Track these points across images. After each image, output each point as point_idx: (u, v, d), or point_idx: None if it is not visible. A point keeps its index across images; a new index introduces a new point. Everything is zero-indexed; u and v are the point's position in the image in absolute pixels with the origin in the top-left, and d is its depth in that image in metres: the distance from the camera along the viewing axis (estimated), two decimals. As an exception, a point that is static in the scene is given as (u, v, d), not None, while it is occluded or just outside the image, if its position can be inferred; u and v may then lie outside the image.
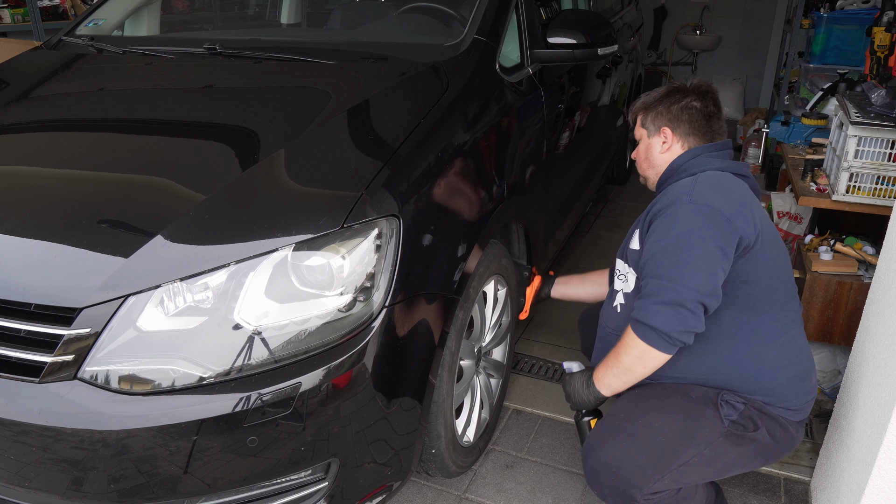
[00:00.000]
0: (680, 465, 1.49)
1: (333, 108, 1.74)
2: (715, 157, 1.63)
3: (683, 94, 1.67)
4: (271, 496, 1.41)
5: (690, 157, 1.64)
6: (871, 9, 3.76)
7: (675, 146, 1.67)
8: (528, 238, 2.25)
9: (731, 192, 1.51)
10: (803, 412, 1.61)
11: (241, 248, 1.34)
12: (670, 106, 1.66)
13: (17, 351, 1.31)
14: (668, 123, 1.67)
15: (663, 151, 1.69)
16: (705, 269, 1.44)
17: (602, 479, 1.53)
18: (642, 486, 1.48)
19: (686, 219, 1.47)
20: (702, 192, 1.49)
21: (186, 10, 3.42)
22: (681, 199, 1.50)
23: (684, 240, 1.45)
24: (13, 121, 1.90)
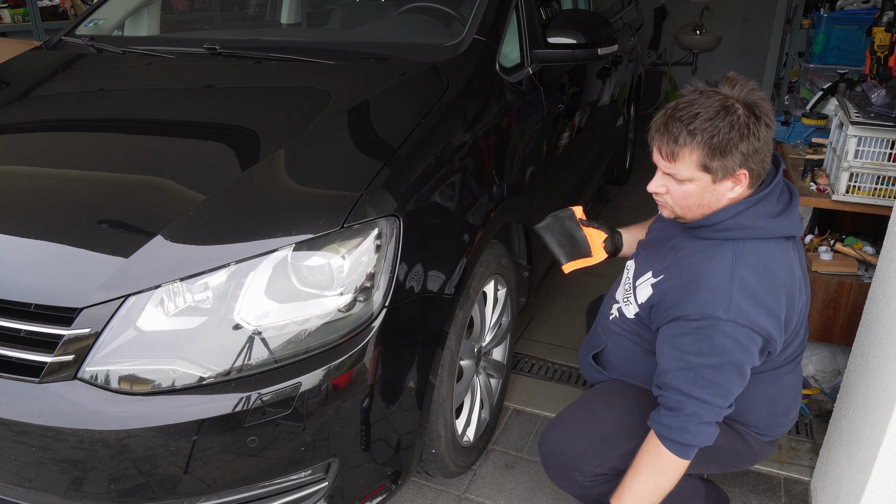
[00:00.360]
0: (621, 453, 1.54)
1: (333, 108, 1.74)
2: (762, 214, 1.40)
3: (754, 116, 1.33)
4: (271, 496, 1.41)
5: (733, 215, 1.40)
6: (871, 9, 3.76)
7: (744, 191, 1.40)
8: (528, 238, 2.25)
9: (773, 291, 1.37)
10: (775, 437, 1.63)
11: (241, 248, 1.34)
12: (749, 138, 1.32)
13: (17, 351, 1.31)
14: (747, 165, 1.35)
15: (730, 197, 1.40)
16: (741, 386, 1.40)
17: (550, 463, 1.63)
18: (584, 469, 1.55)
19: (723, 344, 1.35)
20: (742, 303, 1.34)
21: (186, 10, 3.42)
22: (717, 315, 1.34)
23: (723, 369, 1.37)
24: (13, 121, 1.90)
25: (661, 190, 1.44)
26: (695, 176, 1.37)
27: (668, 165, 1.39)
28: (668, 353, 1.42)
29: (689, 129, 1.33)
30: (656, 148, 1.41)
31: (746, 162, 1.34)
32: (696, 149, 1.33)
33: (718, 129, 1.31)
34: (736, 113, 1.32)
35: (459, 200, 1.70)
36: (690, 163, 1.35)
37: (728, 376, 1.37)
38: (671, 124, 1.35)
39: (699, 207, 1.42)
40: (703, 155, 1.33)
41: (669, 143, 1.36)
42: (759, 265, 1.37)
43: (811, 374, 2.38)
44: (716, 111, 1.32)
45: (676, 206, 1.44)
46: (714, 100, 1.33)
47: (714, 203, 1.41)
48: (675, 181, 1.40)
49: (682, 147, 1.34)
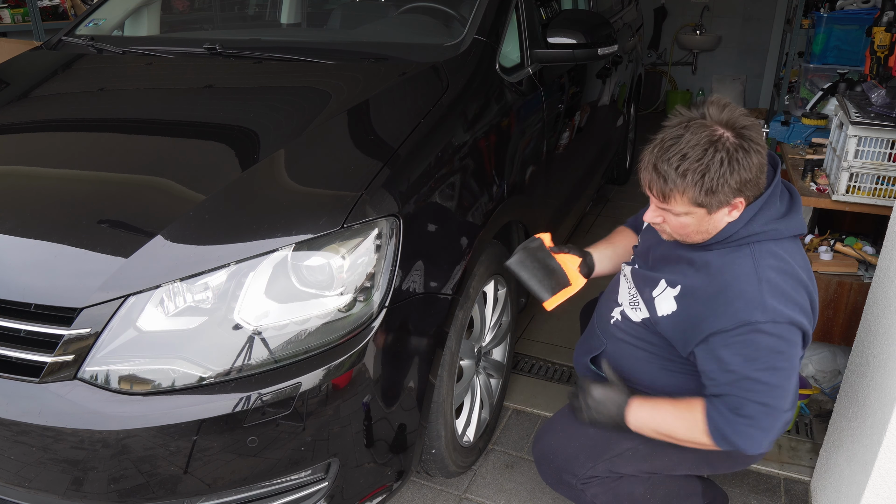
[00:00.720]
0: (612, 455, 1.55)
1: (333, 108, 1.74)
2: (770, 217, 1.40)
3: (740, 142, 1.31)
4: (271, 496, 1.41)
5: (743, 225, 1.38)
6: (871, 9, 3.76)
7: (740, 211, 1.39)
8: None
9: (797, 288, 1.37)
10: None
11: (241, 248, 1.34)
12: (739, 167, 1.31)
13: (17, 351, 1.31)
14: (742, 194, 1.34)
15: (728, 221, 1.39)
16: (794, 384, 1.39)
17: (543, 466, 1.64)
18: (576, 471, 1.56)
19: (771, 345, 1.33)
20: (775, 303, 1.33)
21: (186, 10, 3.42)
22: (756, 319, 1.32)
23: (777, 369, 1.35)
24: (13, 121, 1.90)
25: (657, 220, 1.43)
26: (690, 211, 1.36)
27: (662, 205, 1.38)
28: (713, 371, 1.39)
29: (679, 171, 1.31)
30: (647, 187, 1.39)
31: (741, 192, 1.34)
32: (688, 190, 1.32)
33: (708, 167, 1.29)
34: (724, 147, 1.29)
35: (459, 200, 1.70)
36: (684, 201, 1.34)
37: (783, 374, 1.35)
38: (659, 167, 1.33)
39: (698, 234, 1.41)
40: (694, 195, 1.32)
41: (660, 184, 1.34)
42: (779, 265, 1.37)
43: (811, 374, 2.39)
44: (703, 150, 1.29)
45: (675, 233, 1.44)
46: (701, 136, 1.30)
47: (713, 229, 1.40)
48: (670, 214, 1.39)
49: (673, 189, 1.33)
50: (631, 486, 1.59)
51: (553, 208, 2.52)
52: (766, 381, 1.34)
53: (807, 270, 1.42)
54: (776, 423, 1.36)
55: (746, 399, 1.35)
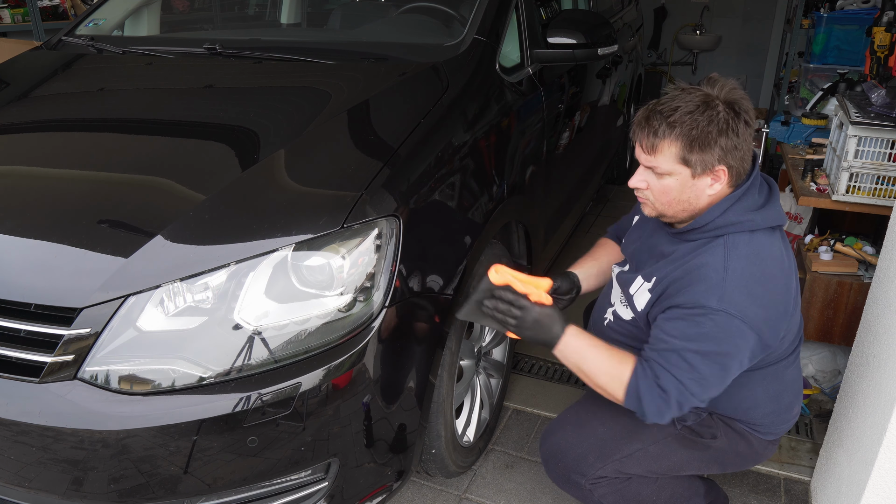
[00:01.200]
0: (622, 456, 1.54)
1: (333, 109, 1.74)
2: (747, 208, 1.40)
3: (734, 113, 1.34)
4: (271, 496, 1.41)
5: (719, 214, 1.40)
6: (871, 9, 3.76)
7: (723, 188, 1.40)
8: (528, 238, 2.25)
9: (766, 282, 1.36)
10: (777, 435, 1.62)
11: (241, 248, 1.34)
12: (728, 133, 1.33)
13: (17, 351, 1.31)
14: (726, 161, 1.35)
15: (709, 194, 1.40)
16: (721, 384, 1.39)
17: (551, 465, 1.62)
18: (585, 472, 1.55)
19: (714, 333, 1.34)
20: (735, 294, 1.33)
21: (186, 10, 3.42)
22: (710, 305, 1.33)
23: (708, 357, 1.35)
24: (13, 121, 1.90)
25: (641, 185, 1.44)
26: (674, 169, 1.37)
27: (649, 158, 1.39)
28: (655, 337, 1.41)
29: (669, 121, 1.34)
30: (637, 142, 1.41)
31: (725, 158, 1.35)
32: (676, 141, 1.34)
33: (698, 122, 1.32)
34: (716, 108, 1.33)
35: (459, 200, 1.70)
36: (670, 155, 1.36)
37: (710, 367, 1.35)
38: (652, 117, 1.37)
39: (679, 203, 1.42)
40: (682, 147, 1.34)
41: (650, 136, 1.37)
42: (751, 255, 1.37)
43: (811, 374, 2.39)
44: (696, 105, 1.33)
45: (657, 201, 1.44)
46: (695, 95, 1.34)
47: (694, 199, 1.40)
48: (655, 175, 1.40)
49: (662, 139, 1.35)
50: (639, 487, 1.59)
51: (553, 208, 2.52)
52: (692, 362, 1.35)
53: (781, 261, 1.41)
54: (685, 405, 1.37)
55: (670, 373, 1.36)
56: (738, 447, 1.59)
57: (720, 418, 1.57)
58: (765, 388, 1.53)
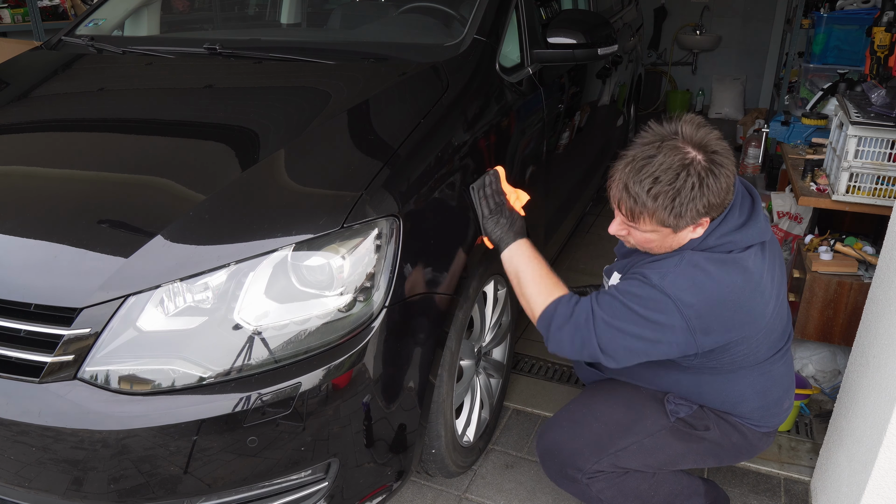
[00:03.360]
0: (617, 450, 1.56)
1: (333, 108, 1.74)
2: (727, 230, 1.42)
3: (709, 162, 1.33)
4: (271, 496, 1.41)
5: (700, 241, 1.42)
6: (871, 9, 3.76)
7: (704, 227, 1.42)
8: (528, 238, 2.25)
9: (718, 290, 1.37)
10: (771, 427, 1.63)
11: (241, 248, 1.34)
12: (706, 187, 1.33)
13: (17, 351, 1.31)
14: (709, 215, 1.37)
15: (694, 237, 1.42)
16: (628, 353, 1.42)
17: (548, 462, 1.64)
18: (581, 466, 1.57)
19: (646, 300, 1.38)
20: (679, 279, 1.37)
21: (186, 10, 3.42)
22: (651, 279, 1.39)
23: (632, 313, 1.39)
24: (13, 121, 1.90)
25: (622, 233, 1.48)
26: (656, 230, 1.40)
27: (630, 224, 1.42)
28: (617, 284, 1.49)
29: (650, 193, 1.33)
30: (616, 204, 1.42)
31: (707, 213, 1.37)
32: (657, 212, 1.35)
33: (679, 192, 1.32)
34: (696, 171, 1.32)
35: (459, 200, 1.70)
36: (652, 222, 1.38)
37: (627, 322, 1.39)
38: (631, 187, 1.36)
39: (661, 248, 1.46)
40: (663, 217, 1.35)
41: (629, 204, 1.37)
42: (715, 259, 1.39)
43: (811, 374, 2.39)
44: (675, 174, 1.32)
45: (638, 245, 1.49)
46: (674, 159, 1.32)
47: (676, 244, 1.44)
48: (636, 230, 1.43)
49: (643, 211, 1.36)
50: (636, 481, 1.60)
51: (553, 208, 2.52)
52: (614, 308, 1.41)
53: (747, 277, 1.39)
54: (585, 340, 1.42)
55: (591, 304, 1.44)
56: (733, 438, 1.59)
57: (712, 410, 1.58)
58: (751, 384, 1.54)
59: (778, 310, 1.50)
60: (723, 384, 1.53)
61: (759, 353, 1.51)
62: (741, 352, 1.47)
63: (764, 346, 1.51)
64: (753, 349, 1.49)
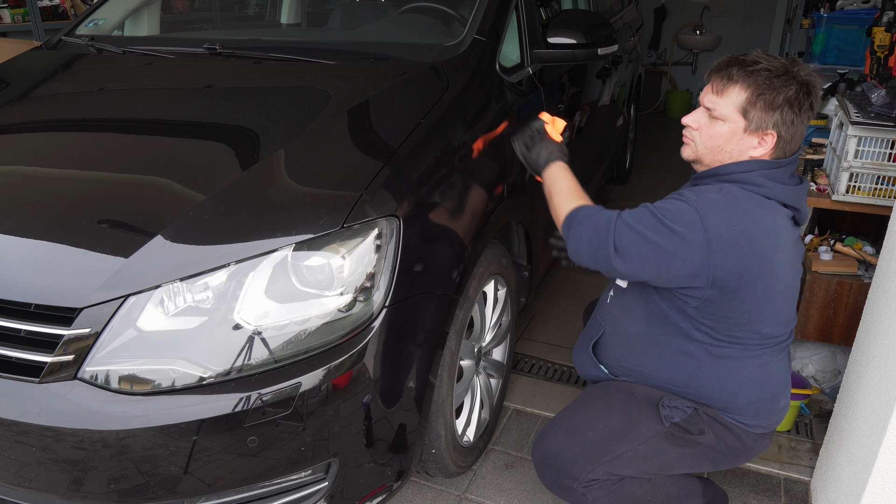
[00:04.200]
0: (612, 457, 1.55)
1: (333, 108, 1.74)
2: (772, 177, 1.44)
3: (802, 88, 1.40)
4: (271, 496, 1.41)
5: (744, 171, 1.44)
6: (871, 9, 3.77)
7: (765, 154, 1.44)
8: (528, 238, 2.25)
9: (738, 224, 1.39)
10: (767, 427, 1.62)
11: (241, 248, 1.34)
12: (792, 106, 1.39)
13: (17, 351, 1.31)
14: (779, 130, 1.41)
15: (752, 154, 1.44)
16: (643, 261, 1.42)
17: (543, 471, 1.63)
18: (577, 475, 1.56)
19: (673, 211, 1.41)
20: (711, 205, 1.39)
21: (186, 10, 3.42)
22: (682, 194, 1.44)
23: (655, 220, 1.42)
24: (13, 121, 1.90)
25: (693, 125, 1.50)
26: (731, 117, 1.43)
27: (714, 99, 1.45)
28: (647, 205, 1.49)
29: (749, 70, 1.41)
30: (709, 84, 1.47)
31: (780, 126, 1.41)
32: (746, 89, 1.41)
33: (772, 82, 1.39)
34: (793, 80, 1.40)
35: (459, 200, 1.70)
36: (734, 102, 1.42)
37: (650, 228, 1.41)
38: (732, 64, 1.44)
39: (721, 152, 1.47)
40: (748, 97, 1.41)
41: (724, 79, 1.44)
42: (748, 199, 1.42)
43: (811, 374, 2.39)
44: (776, 71, 1.41)
45: (701, 144, 1.50)
46: (778, 62, 1.42)
47: (736, 154, 1.46)
48: (710, 119, 1.47)
49: (735, 83, 1.42)
50: (632, 488, 1.59)
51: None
52: (633, 213, 1.44)
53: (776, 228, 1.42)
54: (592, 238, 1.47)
55: (611, 213, 1.47)
56: (728, 441, 1.59)
57: (706, 412, 1.57)
58: (749, 374, 1.54)
59: (790, 289, 1.50)
60: (721, 370, 1.53)
61: (762, 326, 1.49)
62: (746, 313, 1.46)
63: (769, 321, 1.49)
64: (758, 316, 1.47)
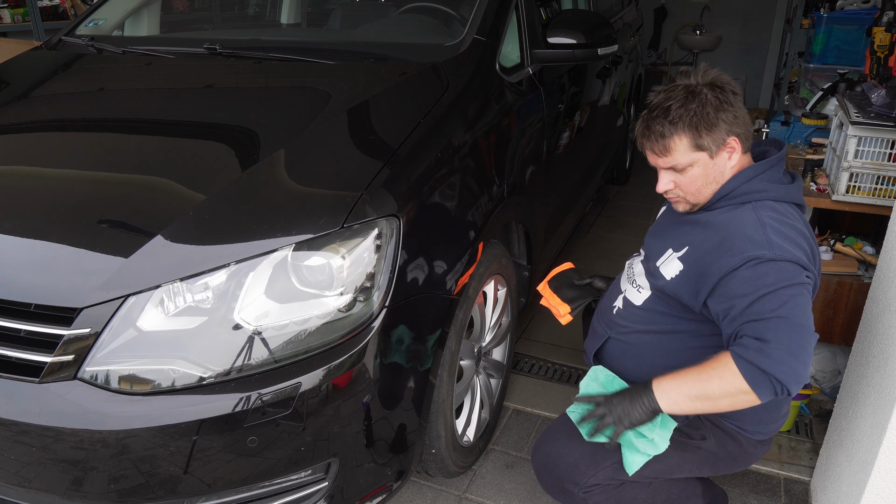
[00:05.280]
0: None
1: (333, 108, 1.74)
2: (772, 179, 1.45)
3: (720, 89, 1.42)
4: (271, 496, 1.41)
5: (744, 181, 1.44)
6: (871, 9, 3.77)
7: (741, 158, 1.46)
8: (528, 238, 2.25)
9: (799, 236, 1.39)
10: (767, 435, 1.61)
11: (241, 248, 1.34)
12: (724, 108, 1.41)
13: (17, 351, 1.31)
14: (734, 132, 1.42)
15: (733, 165, 1.46)
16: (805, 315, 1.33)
17: (544, 476, 1.63)
18: (578, 480, 1.55)
19: (778, 277, 1.32)
20: (780, 242, 1.35)
21: (186, 10, 3.42)
22: (762, 255, 1.34)
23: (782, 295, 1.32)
24: (13, 121, 1.90)
25: (669, 187, 1.49)
26: (693, 159, 1.43)
27: (666, 160, 1.45)
28: (727, 308, 1.36)
29: (669, 119, 1.41)
30: (648, 151, 1.48)
31: (731, 129, 1.42)
32: (683, 133, 1.41)
33: (692, 110, 1.39)
34: (701, 93, 1.41)
35: (459, 200, 1.70)
36: (684, 148, 1.42)
37: (792, 303, 1.30)
38: (651, 124, 1.44)
39: (708, 186, 1.47)
40: (691, 136, 1.41)
41: (658, 141, 1.43)
42: (779, 217, 1.41)
43: (811, 374, 2.39)
44: (684, 97, 1.41)
45: (688, 195, 1.49)
46: (678, 91, 1.42)
47: (719, 176, 1.46)
48: (677, 173, 1.46)
49: (670, 138, 1.42)
50: (633, 491, 1.58)
51: (553, 208, 2.52)
52: (777, 301, 1.31)
53: (806, 227, 1.45)
54: (803, 342, 1.29)
55: (764, 319, 1.30)
56: (729, 447, 1.58)
57: (708, 419, 1.56)
58: None
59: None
60: None
61: None
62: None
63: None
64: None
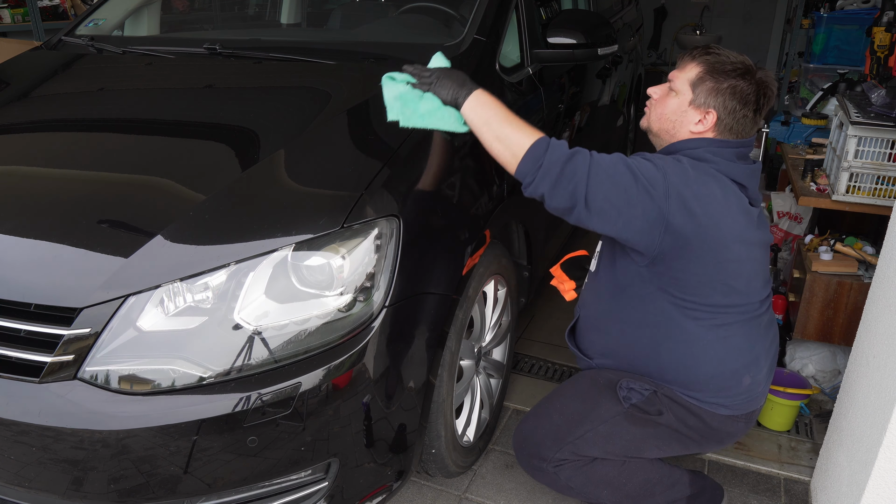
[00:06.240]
0: (574, 438, 1.64)
1: (333, 108, 1.74)
2: (720, 154, 1.52)
3: (754, 84, 1.50)
4: (271, 496, 1.41)
5: (692, 147, 1.53)
6: (871, 9, 3.77)
7: (706, 132, 1.54)
8: (528, 238, 2.25)
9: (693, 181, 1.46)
10: (735, 409, 1.62)
11: (241, 248, 1.34)
12: (736, 93, 1.50)
13: (17, 351, 1.31)
14: (722, 111, 1.52)
15: (692, 129, 1.55)
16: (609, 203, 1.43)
17: (519, 454, 1.76)
18: (545, 456, 1.66)
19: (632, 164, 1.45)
20: (669, 166, 1.46)
21: (186, 10, 3.42)
22: (648, 156, 1.50)
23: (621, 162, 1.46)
24: (13, 121, 1.90)
25: (654, 95, 1.62)
26: (682, 89, 1.55)
27: (675, 73, 1.59)
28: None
29: (710, 53, 1.54)
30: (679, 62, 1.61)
31: (722, 109, 1.51)
32: (700, 66, 1.53)
33: (725, 68, 1.50)
34: (749, 75, 1.50)
35: (460, 200, 1.70)
36: (688, 76, 1.54)
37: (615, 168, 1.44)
38: (703, 48, 1.58)
39: (665, 121, 1.58)
40: (699, 73, 1.52)
41: (687, 57, 1.58)
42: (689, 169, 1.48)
43: (811, 374, 2.39)
44: (737, 63, 1.51)
45: (653, 112, 1.61)
46: (744, 59, 1.53)
47: (678, 125, 1.56)
48: (668, 91, 1.58)
49: (693, 60, 1.55)
50: (604, 469, 1.65)
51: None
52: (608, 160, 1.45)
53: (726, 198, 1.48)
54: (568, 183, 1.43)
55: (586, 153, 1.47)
56: (689, 422, 1.60)
57: (665, 394, 1.60)
58: (705, 348, 1.56)
59: (743, 260, 1.52)
60: (678, 344, 1.56)
61: (713, 294, 1.52)
62: (695, 275, 1.50)
63: (719, 288, 1.52)
64: (707, 282, 1.51)
